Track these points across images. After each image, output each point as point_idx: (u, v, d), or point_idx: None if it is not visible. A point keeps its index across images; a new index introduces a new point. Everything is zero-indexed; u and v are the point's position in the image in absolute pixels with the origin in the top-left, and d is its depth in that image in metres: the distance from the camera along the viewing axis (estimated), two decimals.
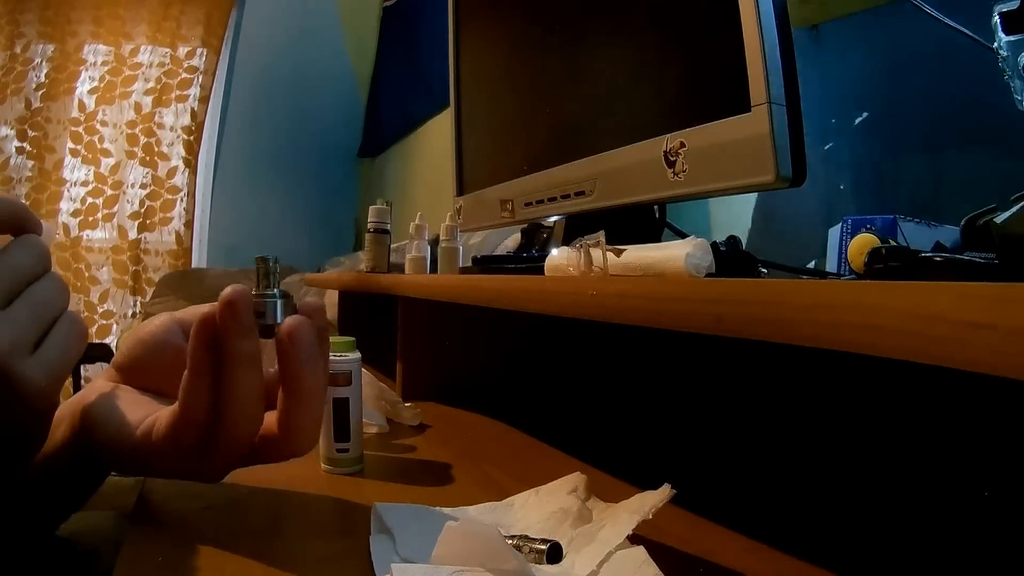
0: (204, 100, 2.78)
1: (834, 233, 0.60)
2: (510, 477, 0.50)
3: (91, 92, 2.70)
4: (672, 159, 0.50)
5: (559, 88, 0.68)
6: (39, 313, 0.33)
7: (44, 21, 2.64)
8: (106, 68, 2.72)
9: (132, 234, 2.73)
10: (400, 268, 0.99)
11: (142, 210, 2.74)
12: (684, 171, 0.49)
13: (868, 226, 0.55)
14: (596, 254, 0.44)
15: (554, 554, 0.33)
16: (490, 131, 0.86)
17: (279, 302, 0.36)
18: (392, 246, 1.04)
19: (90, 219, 2.70)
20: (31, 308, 0.33)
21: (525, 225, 0.87)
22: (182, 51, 2.79)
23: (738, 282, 0.27)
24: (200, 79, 2.79)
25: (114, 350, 2.24)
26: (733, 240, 0.57)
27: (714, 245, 0.41)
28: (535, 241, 0.86)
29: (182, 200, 2.78)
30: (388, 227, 1.01)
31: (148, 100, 2.75)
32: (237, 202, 2.87)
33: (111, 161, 2.72)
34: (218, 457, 0.35)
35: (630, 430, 0.63)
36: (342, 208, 3.03)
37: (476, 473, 0.51)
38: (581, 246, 0.45)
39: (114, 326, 2.68)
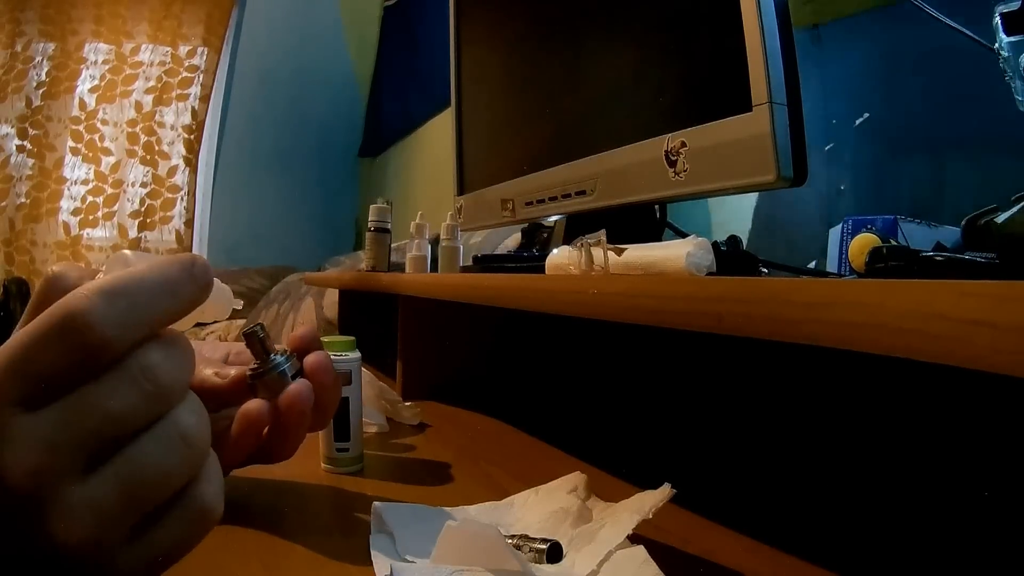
0: (205, 99, 2.79)
1: (835, 233, 0.60)
2: (510, 477, 0.50)
3: (92, 91, 2.71)
4: (673, 159, 0.50)
5: (560, 87, 0.68)
6: (138, 491, 0.23)
7: (45, 19, 2.64)
8: (107, 67, 2.72)
9: (132, 233, 2.73)
10: (400, 267, 0.99)
11: (142, 209, 2.74)
12: (685, 171, 0.49)
13: (869, 226, 0.55)
14: (597, 253, 0.44)
15: (554, 553, 0.33)
16: (491, 131, 0.86)
17: (283, 375, 0.36)
18: (393, 245, 1.04)
19: (90, 218, 2.70)
20: (123, 482, 0.23)
21: (526, 225, 0.87)
22: (183, 50, 2.79)
23: (739, 281, 0.27)
24: (201, 78, 2.79)
25: None
26: (734, 240, 0.57)
27: (715, 245, 0.41)
28: (535, 241, 0.86)
29: (182, 199, 2.78)
30: (389, 226, 1.01)
31: (149, 99, 2.75)
32: (237, 201, 2.87)
33: (112, 160, 2.72)
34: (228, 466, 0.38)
35: (630, 429, 0.63)
36: (342, 208, 3.04)
37: (476, 473, 0.51)
38: (582, 245, 0.45)
39: None
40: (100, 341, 0.22)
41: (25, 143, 2.62)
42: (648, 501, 0.34)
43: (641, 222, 0.62)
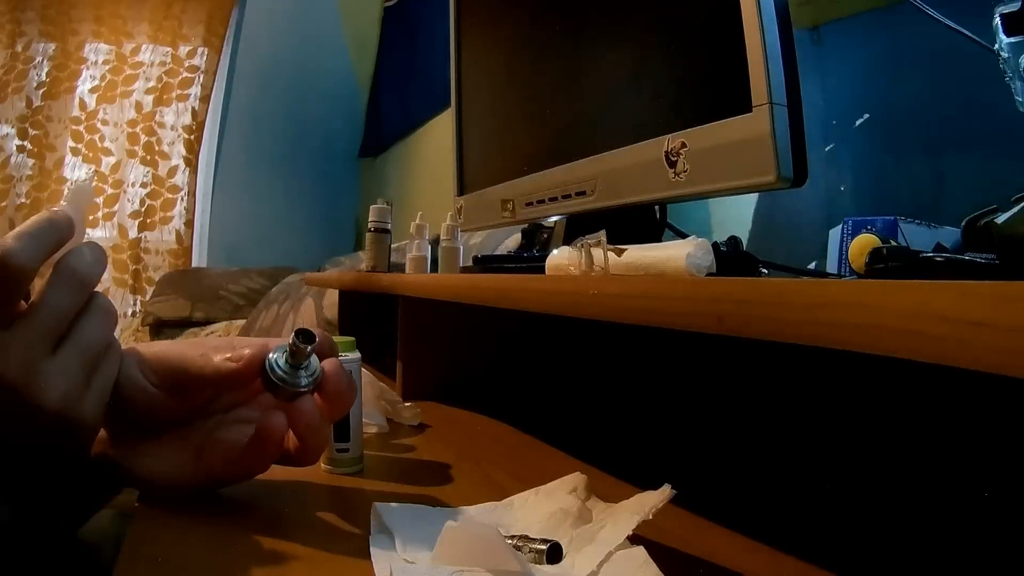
0: (205, 99, 2.79)
1: (835, 234, 0.60)
2: (510, 477, 0.50)
3: (92, 91, 2.71)
4: (673, 159, 0.50)
5: (560, 88, 0.69)
6: (89, 355, 0.34)
7: (45, 20, 2.64)
8: (107, 67, 2.72)
9: (132, 233, 2.73)
10: (401, 268, 0.99)
11: (142, 209, 2.74)
12: (685, 171, 0.49)
13: (869, 227, 0.56)
14: (597, 254, 0.44)
15: (554, 554, 0.33)
16: (491, 131, 0.86)
17: (300, 390, 0.38)
18: (393, 246, 1.04)
19: (90, 218, 2.70)
20: (80, 352, 0.34)
21: (526, 225, 0.87)
22: (183, 50, 2.79)
23: (739, 281, 0.27)
24: (201, 78, 2.79)
25: None
26: (734, 240, 0.57)
27: (715, 245, 0.41)
28: (535, 241, 0.86)
29: (182, 199, 2.78)
30: (389, 227, 1.01)
31: (149, 99, 2.75)
32: (237, 201, 2.87)
33: (112, 160, 2.72)
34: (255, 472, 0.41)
35: (630, 430, 0.63)
36: (342, 208, 3.04)
37: (476, 473, 0.51)
38: (582, 246, 0.45)
39: None
40: (19, 268, 0.32)
41: (25, 143, 2.62)
42: (648, 502, 0.34)
43: (641, 223, 0.62)
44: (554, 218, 0.73)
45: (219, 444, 0.40)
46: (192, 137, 2.77)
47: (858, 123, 0.76)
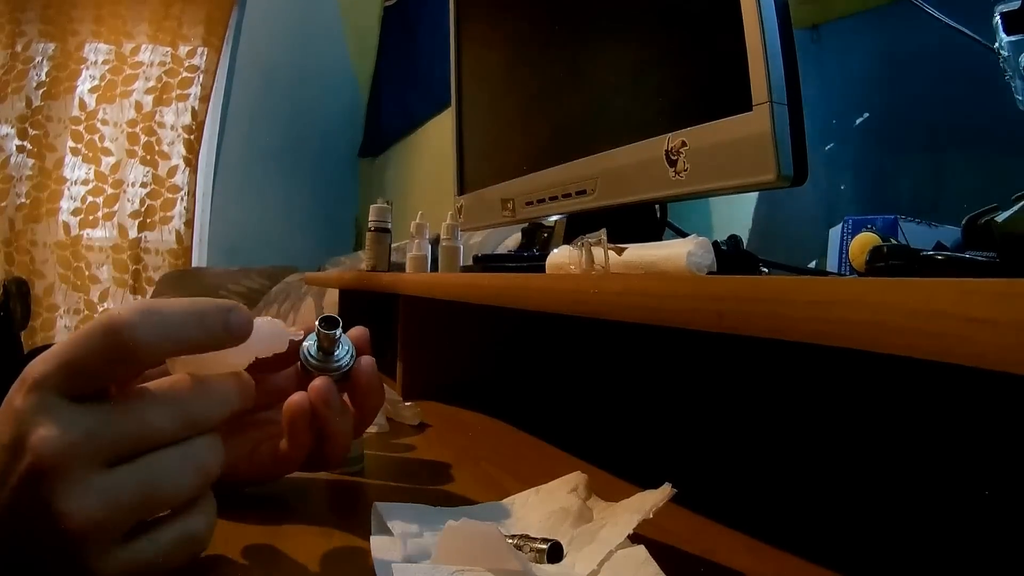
0: (205, 99, 2.78)
1: (835, 233, 0.60)
2: (510, 477, 0.50)
3: (92, 91, 2.71)
4: (673, 158, 0.50)
5: (560, 87, 0.68)
6: (148, 490, 0.26)
7: (45, 20, 2.64)
8: (107, 67, 2.72)
9: (132, 233, 2.73)
10: (400, 267, 0.99)
11: (142, 209, 2.74)
12: (685, 170, 0.49)
13: (869, 226, 0.55)
14: (597, 252, 0.44)
15: (554, 553, 0.33)
16: (491, 130, 0.86)
17: (333, 376, 0.39)
18: (393, 245, 1.04)
19: (90, 218, 2.70)
20: (138, 482, 0.26)
21: (526, 224, 0.87)
22: (183, 50, 2.79)
23: (740, 279, 0.27)
24: (201, 78, 2.79)
25: None
26: (734, 239, 0.57)
27: (715, 244, 0.41)
28: (536, 240, 0.86)
29: (182, 199, 2.78)
30: (389, 226, 1.01)
31: (149, 99, 2.75)
32: (237, 201, 2.86)
33: (112, 160, 2.72)
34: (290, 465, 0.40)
35: (630, 429, 0.63)
36: (342, 208, 3.03)
37: (476, 473, 0.51)
38: (582, 244, 0.45)
39: None
40: (132, 343, 0.26)
41: (25, 143, 2.62)
42: (649, 501, 0.33)
43: (641, 221, 0.62)
44: (554, 217, 0.73)
45: (245, 436, 0.40)
46: (192, 137, 2.77)
47: (858, 122, 0.76)
